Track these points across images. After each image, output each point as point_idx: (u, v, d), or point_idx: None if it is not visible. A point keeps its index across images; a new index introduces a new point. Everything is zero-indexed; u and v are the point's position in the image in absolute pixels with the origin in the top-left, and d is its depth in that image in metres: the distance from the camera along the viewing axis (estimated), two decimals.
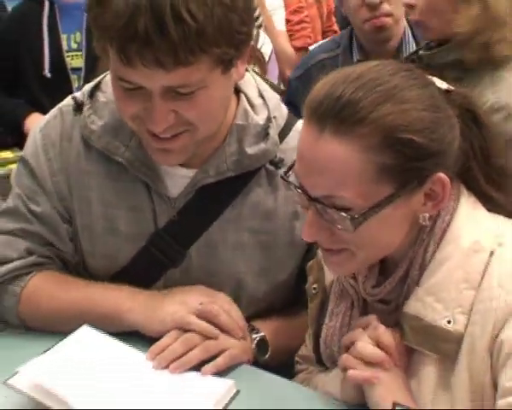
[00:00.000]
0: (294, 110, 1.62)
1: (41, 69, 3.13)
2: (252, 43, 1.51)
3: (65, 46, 3.16)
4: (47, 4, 3.16)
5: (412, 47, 2.56)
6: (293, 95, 2.60)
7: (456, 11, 2.00)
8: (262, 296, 1.65)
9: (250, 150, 1.57)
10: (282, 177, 1.37)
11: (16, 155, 3.00)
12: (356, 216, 1.21)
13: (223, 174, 1.57)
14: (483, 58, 2.01)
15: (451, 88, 1.31)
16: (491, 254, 1.25)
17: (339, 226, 1.23)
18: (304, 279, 1.62)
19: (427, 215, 1.27)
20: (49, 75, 3.13)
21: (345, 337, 1.36)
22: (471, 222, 1.29)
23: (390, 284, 1.32)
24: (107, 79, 1.63)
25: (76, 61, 3.18)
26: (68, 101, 1.68)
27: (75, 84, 3.18)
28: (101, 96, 1.63)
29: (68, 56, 3.17)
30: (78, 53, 3.17)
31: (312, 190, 1.25)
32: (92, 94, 1.64)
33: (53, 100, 3.02)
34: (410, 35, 2.60)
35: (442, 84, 1.30)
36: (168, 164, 1.55)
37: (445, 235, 1.29)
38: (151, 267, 1.62)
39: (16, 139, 3.13)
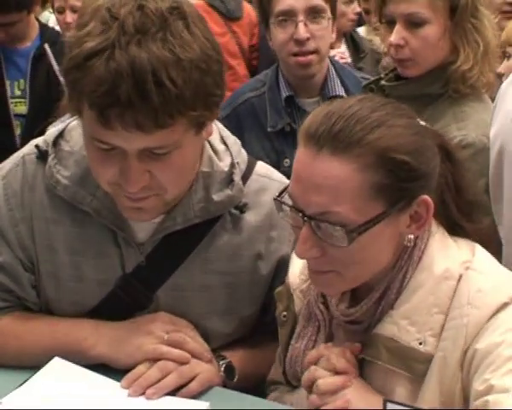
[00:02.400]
0: None
1: None
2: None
3: (8, 92, 3.18)
4: None
5: (336, 83, 2.68)
6: None
7: (456, 48, 2.13)
8: (228, 333, 1.71)
9: (216, 197, 1.61)
10: (275, 199, 1.42)
11: None
12: (351, 229, 1.30)
13: (190, 221, 1.61)
14: (458, 89, 2.14)
15: (427, 125, 1.43)
16: (460, 278, 1.37)
17: (333, 242, 1.31)
18: (267, 310, 1.71)
19: (412, 237, 1.37)
20: None
21: (304, 378, 1.42)
22: (442, 251, 1.40)
23: (366, 304, 1.41)
24: (70, 127, 1.66)
25: (19, 107, 3.20)
26: (31, 149, 1.67)
27: (17, 131, 3.20)
28: (65, 146, 1.64)
29: (12, 103, 3.19)
30: (22, 100, 3.20)
31: (308, 207, 1.32)
32: (55, 143, 1.64)
33: None
34: (334, 72, 2.70)
35: (420, 121, 1.42)
36: (140, 220, 1.59)
37: (419, 262, 1.39)
38: (118, 311, 1.64)
39: None
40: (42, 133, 1.71)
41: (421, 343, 1.35)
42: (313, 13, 2.56)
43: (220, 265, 1.66)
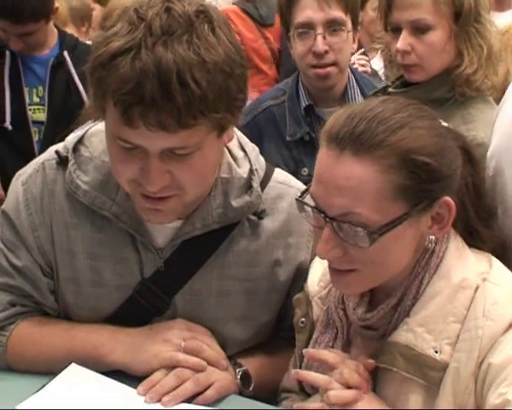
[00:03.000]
0: None
1: (1, 121, 3.13)
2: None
3: (26, 99, 3.18)
4: (8, 56, 3.18)
5: (357, 92, 2.69)
6: None
7: (460, 52, 2.17)
8: (245, 339, 1.72)
9: (235, 203, 1.62)
10: (297, 199, 1.43)
11: None
12: (372, 231, 1.30)
13: (208, 226, 1.62)
14: (464, 92, 2.17)
15: (449, 126, 1.43)
16: (476, 289, 1.37)
17: (355, 242, 1.32)
18: (285, 317, 1.71)
19: (433, 238, 1.38)
20: (10, 127, 3.15)
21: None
22: (460, 260, 1.41)
23: (383, 309, 1.41)
24: (89, 133, 1.67)
25: (38, 114, 3.20)
26: (51, 155, 1.69)
27: (35, 137, 3.20)
28: (84, 151, 1.65)
29: (30, 109, 3.19)
30: (40, 107, 3.20)
31: (330, 208, 1.33)
32: (75, 149, 1.65)
33: (12, 152, 3.12)
34: (354, 81, 2.71)
35: (442, 122, 1.42)
36: (158, 222, 1.59)
37: (437, 270, 1.39)
38: (136, 316, 1.66)
39: None
40: (63, 140, 1.72)
41: (437, 352, 1.35)
42: (332, 25, 2.55)
43: (238, 271, 1.67)
